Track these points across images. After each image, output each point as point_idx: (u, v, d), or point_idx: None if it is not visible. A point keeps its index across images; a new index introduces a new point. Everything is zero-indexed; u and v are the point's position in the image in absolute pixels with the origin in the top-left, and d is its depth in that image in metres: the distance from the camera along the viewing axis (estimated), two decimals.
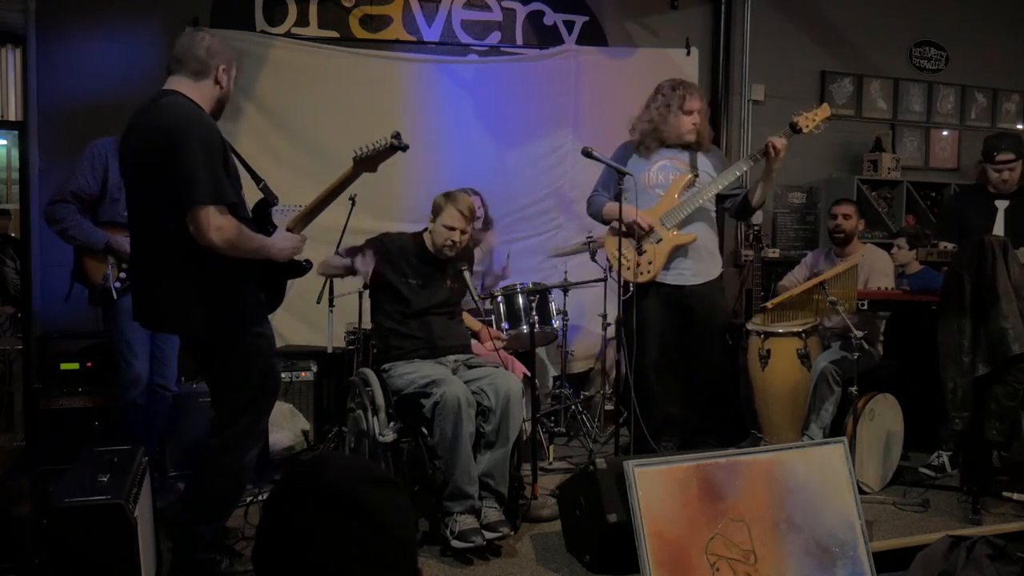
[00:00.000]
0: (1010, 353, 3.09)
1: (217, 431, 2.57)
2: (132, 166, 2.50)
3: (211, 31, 2.65)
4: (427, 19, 4.79)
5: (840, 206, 4.21)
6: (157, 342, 3.44)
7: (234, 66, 2.61)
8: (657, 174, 3.73)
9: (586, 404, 4.54)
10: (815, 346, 3.89)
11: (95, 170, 3.29)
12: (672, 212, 3.65)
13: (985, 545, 2.35)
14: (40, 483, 3.19)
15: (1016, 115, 6.11)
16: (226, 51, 2.56)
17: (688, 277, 3.70)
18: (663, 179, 3.72)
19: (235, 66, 2.62)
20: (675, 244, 3.66)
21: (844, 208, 4.18)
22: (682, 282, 3.69)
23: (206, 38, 2.54)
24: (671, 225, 3.66)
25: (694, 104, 3.68)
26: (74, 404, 3.67)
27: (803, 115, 3.66)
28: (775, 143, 3.56)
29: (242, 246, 2.41)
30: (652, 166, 3.73)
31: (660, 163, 3.73)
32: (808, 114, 3.66)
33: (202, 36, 2.55)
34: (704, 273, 3.73)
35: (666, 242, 3.66)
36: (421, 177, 4.56)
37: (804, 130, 3.65)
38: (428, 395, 2.96)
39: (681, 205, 3.64)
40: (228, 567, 2.60)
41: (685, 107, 3.67)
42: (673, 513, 2.34)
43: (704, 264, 3.73)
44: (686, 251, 3.69)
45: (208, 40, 2.53)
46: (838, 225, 4.14)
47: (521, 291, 4.11)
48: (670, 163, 3.73)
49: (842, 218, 4.14)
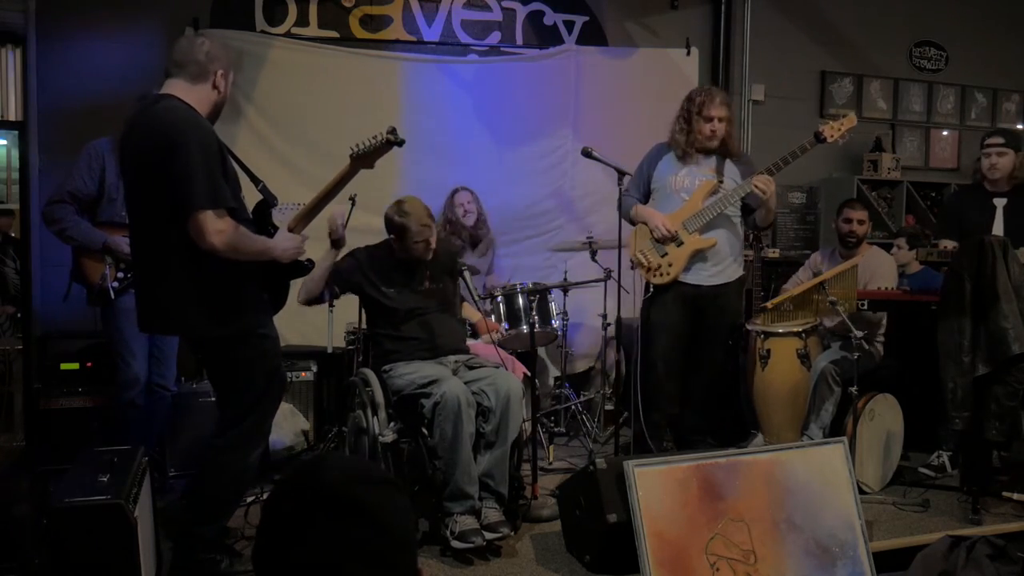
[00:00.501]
0: (1010, 353, 3.09)
1: (221, 431, 2.57)
2: (131, 169, 2.50)
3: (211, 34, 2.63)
4: (427, 19, 4.79)
5: (855, 211, 4.13)
6: (156, 342, 3.44)
7: (232, 71, 2.61)
8: (684, 179, 3.77)
9: (586, 404, 4.54)
10: (815, 346, 3.89)
11: (92, 170, 3.29)
12: (695, 217, 3.69)
13: (985, 545, 2.34)
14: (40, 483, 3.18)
15: (1016, 115, 6.12)
16: (225, 56, 2.56)
17: (705, 278, 3.74)
18: (689, 184, 3.76)
19: (233, 71, 2.62)
20: (696, 248, 3.71)
21: (860, 213, 4.12)
22: (699, 282, 3.74)
23: (205, 43, 2.53)
24: (693, 229, 3.71)
25: (713, 111, 3.68)
26: (74, 404, 3.67)
27: (829, 124, 3.66)
28: (758, 184, 3.55)
29: (244, 249, 2.41)
30: (680, 170, 3.78)
31: (688, 168, 3.77)
32: (834, 123, 3.66)
33: (202, 40, 2.55)
34: (721, 275, 3.76)
35: (687, 246, 3.71)
36: (421, 177, 4.57)
37: (829, 139, 3.65)
38: (428, 395, 2.96)
39: (704, 210, 3.68)
40: (228, 567, 2.60)
41: (704, 113, 3.69)
42: (673, 513, 2.34)
43: (722, 267, 3.76)
44: (705, 255, 3.73)
45: (208, 44, 2.53)
46: (852, 231, 4.10)
47: (521, 291, 4.12)
48: (697, 168, 3.77)
49: (856, 223, 4.10)
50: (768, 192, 3.58)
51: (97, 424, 3.65)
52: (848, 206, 4.20)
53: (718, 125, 3.69)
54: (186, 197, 2.30)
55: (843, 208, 4.20)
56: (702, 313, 3.77)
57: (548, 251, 4.78)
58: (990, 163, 3.82)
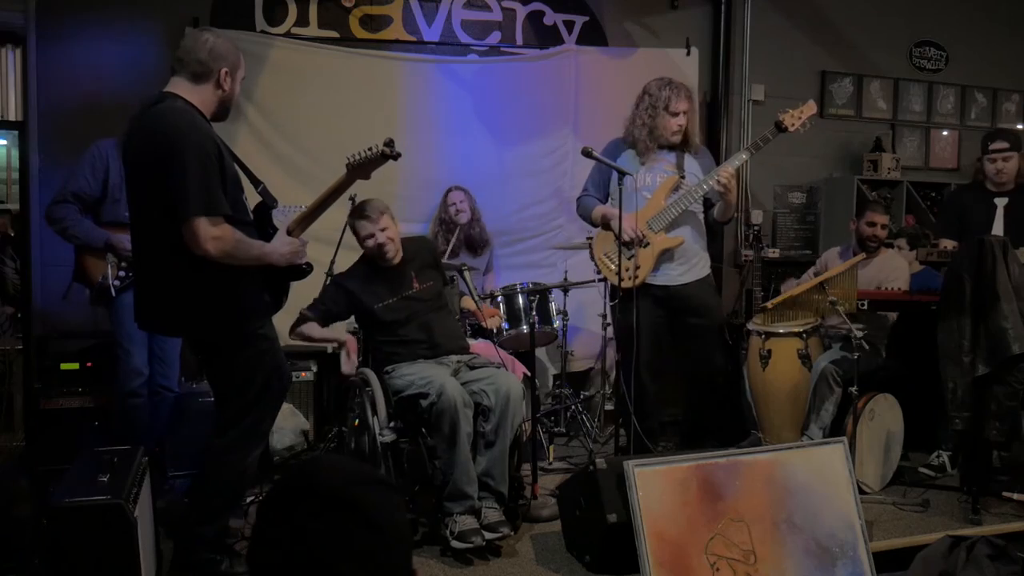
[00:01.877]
0: (1010, 353, 3.09)
1: (221, 432, 2.58)
2: (132, 170, 2.50)
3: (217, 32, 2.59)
4: (427, 19, 4.79)
5: (878, 215, 4.06)
6: (158, 343, 3.45)
7: (242, 67, 2.56)
8: (645, 175, 3.66)
9: (586, 404, 4.54)
10: (815, 346, 3.89)
11: (96, 171, 3.30)
12: (659, 216, 3.60)
13: (985, 545, 2.34)
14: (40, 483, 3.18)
15: (1016, 115, 6.11)
16: (231, 53, 2.51)
17: (674, 277, 3.65)
18: (651, 181, 3.66)
19: (243, 67, 2.57)
20: (662, 248, 3.61)
21: (883, 218, 4.06)
22: (668, 282, 3.64)
23: (209, 39, 2.47)
24: (658, 229, 3.60)
25: (680, 105, 3.59)
26: (74, 404, 3.67)
27: (789, 112, 3.61)
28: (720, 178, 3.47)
29: (239, 255, 2.41)
30: (640, 168, 3.66)
31: (649, 164, 3.67)
32: (793, 111, 3.60)
33: (206, 38, 2.48)
34: (691, 273, 3.67)
35: (654, 246, 3.60)
36: (421, 177, 4.57)
37: (790, 128, 3.59)
38: (426, 396, 2.96)
39: (667, 208, 3.59)
40: (228, 567, 2.60)
41: (671, 108, 3.59)
42: (673, 513, 2.34)
43: (690, 264, 3.67)
44: (672, 253, 3.64)
45: (212, 42, 2.47)
46: (875, 235, 4.04)
47: (521, 291, 4.11)
48: (658, 165, 3.67)
49: (880, 228, 4.05)
50: (731, 187, 3.49)
51: (97, 424, 3.64)
52: (871, 210, 4.13)
53: (684, 120, 3.61)
54: (180, 203, 2.30)
55: (866, 211, 4.13)
56: (679, 314, 3.68)
57: (548, 251, 4.78)
58: (996, 168, 3.82)
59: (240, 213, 2.50)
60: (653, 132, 3.63)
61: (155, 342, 3.42)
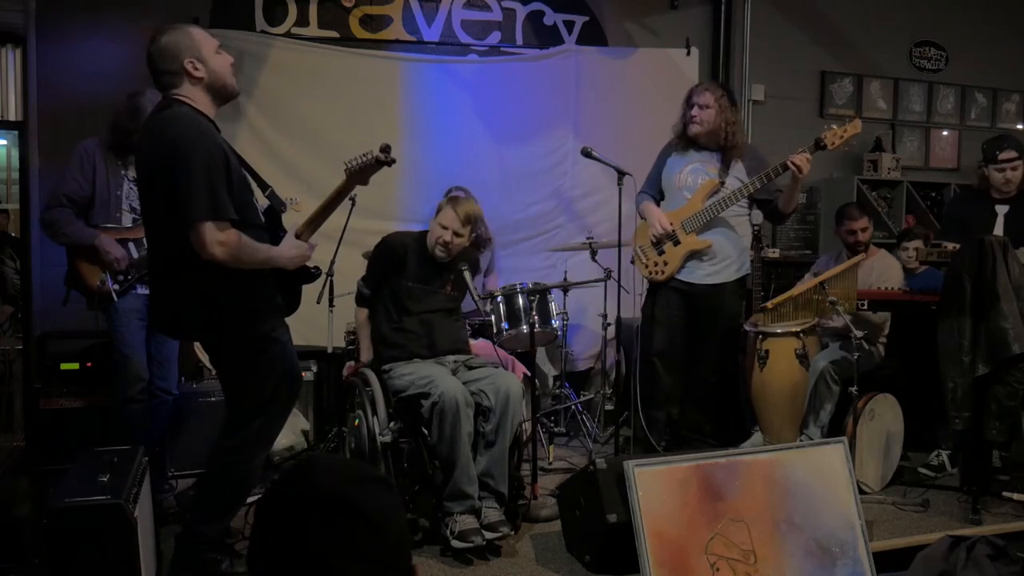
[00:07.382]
0: (1010, 353, 3.09)
1: (230, 432, 2.58)
2: (143, 176, 2.51)
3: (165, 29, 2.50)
4: (427, 19, 4.79)
5: (856, 220, 4.07)
6: (156, 346, 3.41)
7: (206, 42, 2.46)
8: (687, 176, 3.78)
9: (586, 404, 4.54)
10: (813, 346, 3.88)
11: (85, 171, 3.27)
12: (693, 217, 3.71)
13: (985, 545, 2.35)
14: (40, 483, 3.19)
15: (1016, 115, 6.11)
16: (183, 39, 2.42)
17: (700, 277, 3.75)
18: (692, 182, 3.77)
19: (208, 41, 2.48)
20: (691, 249, 3.73)
21: (860, 222, 4.07)
22: (694, 280, 3.75)
23: (156, 47, 2.41)
24: (691, 229, 3.72)
25: (697, 98, 3.71)
26: (74, 404, 3.67)
27: (832, 130, 3.54)
28: (795, 161, 3.48)
29: (247, 259, 2.41)
30: (685, 167, 3.79)
31: (692, 165, 3.78)
32: (837, 129, 3.53)
33: (154, 48, 2.42)
34: (718, 276, 3.75)
35: (683, 245, 3.73)
36: (421, 177, 4.57)
37: (830, 147, 3.54)
38: (427, 395, 2.96)
39: (703, 211, 3.69)
40: (228, 567, 2.60)
41: (691, 101, 3.73)
42: (673, 513, 2.33)
43: (719, 268, 3.75)
44: (701, 255, 3.74)
45: (159, 45, 2.41)
46: (857, 240, 4.05)
47: (521, 291, 4.11)
48: (701, 166, 3.77)
49: (860, 232, 4.06)
50: (804, 170, 3.49)
51: (97, 424, 3.64)
52: (847, 216, 4.10)
53: (698, 112, 3.69)
54: (186, 208, 2.30)
55: (842, 219, 4.12)
56: (697, 312, 3.78)
57: (548, 251, 4.78)
58: (1005, 178, 3.80)
59: (250, 216, 2.50)
60: (686, 128, 3.76)
61: (153, 345, 3.40)
